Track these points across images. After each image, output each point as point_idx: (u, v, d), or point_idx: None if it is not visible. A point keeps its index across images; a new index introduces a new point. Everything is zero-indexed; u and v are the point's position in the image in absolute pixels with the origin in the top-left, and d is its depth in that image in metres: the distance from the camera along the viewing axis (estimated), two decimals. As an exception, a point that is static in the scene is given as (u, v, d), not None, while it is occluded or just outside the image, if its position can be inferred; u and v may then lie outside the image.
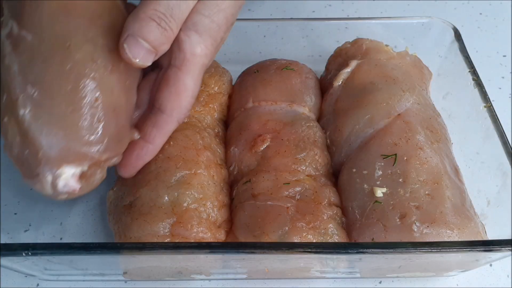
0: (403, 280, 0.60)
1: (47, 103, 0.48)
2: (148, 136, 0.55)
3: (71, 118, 0.48)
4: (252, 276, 0.60)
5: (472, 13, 0.97)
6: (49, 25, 0.50)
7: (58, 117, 0.48)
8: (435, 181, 0.55)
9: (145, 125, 0.55)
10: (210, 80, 0.68)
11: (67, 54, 0.49)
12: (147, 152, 0.56)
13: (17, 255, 0.48)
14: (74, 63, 0.49)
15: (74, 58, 0.49)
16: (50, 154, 0.48)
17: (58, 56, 0.49)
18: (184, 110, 0.55)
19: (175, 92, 0.54)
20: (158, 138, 0.55)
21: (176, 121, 0.55)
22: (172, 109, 0.54)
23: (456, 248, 0.49)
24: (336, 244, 0.52)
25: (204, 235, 0.54)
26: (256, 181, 0.58)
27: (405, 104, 0.62)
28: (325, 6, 0.97)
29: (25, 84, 0.49)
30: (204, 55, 0.54)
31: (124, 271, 0.57)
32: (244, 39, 0.79)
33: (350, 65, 0.68)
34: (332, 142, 0.64)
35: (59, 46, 0.49)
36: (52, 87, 0.49)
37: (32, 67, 0.49)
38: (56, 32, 0.50)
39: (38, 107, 0.48)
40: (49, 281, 0.60)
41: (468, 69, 0.68)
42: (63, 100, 0.48)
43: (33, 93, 0.48)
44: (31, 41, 0.50)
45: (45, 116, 0.48)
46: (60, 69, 0.49)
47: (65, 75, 0.49)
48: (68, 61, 0.49)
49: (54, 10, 0.51)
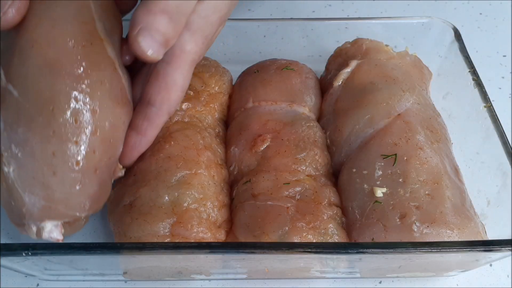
0: (403, 280, 0.60)
1: (29, 165, 0.49)
2: (140, 128, 0.56)
3: (52, 181, 0.49)
4: (252, 276, 0.60)
5: (472, 13, 0.97)
6: (34, 84, 0.50)
7: (40, 179, 0.49)
8: (435, 181, 0.55)
9: (137, 118, 0.56)
10: (210, 80, 0.68)
11: (51, 116, 0.49)
12: (140, 144, 0.57)
13: (17, 255, 0.48)
14: (57, 127, 0.49)
15: (57, 122, 0.49)
16: (32, 211, 0.50)
17: (41, 119, 0.49)
18: (173, 103, 0.56)
19: (164, 87, 0.55)
20: (150, 131, 0.57)
21: (166, 113, 0.56)
22: (161, 102, 0.55)
23: (456, 248, 0.49)
24: (336, 244, 0.52)
25: (204, 235, 0.54)
26: (256, 181, 0.58)
27: (405, 104, 0.62)
28: (325, 6, 0.97)
29: (9, 142, 0.50)
30: (194, 52, 0.55)
31: (124, 271, 0.57)
32: (244, 39, 0.80)
33: (350, 65, 0.68)
34: (332, 142, 0.64)
35: (43, 108, 0.49)
36: (34, 150, 0.49)
37: (16, 127, 0.50)
38: (41, 93, 0.50)
39: (21, 168, 0.49)
40: (49, 281, 0.60)
41: (468, 69, 0.68)
42: (45, 164, 0.49)
43: (17, 153, 0.49)
44: (17, 98, 0.50)
45: (28, 177, 0.49)
46: (44, 133, 0.49)
47: (47, 138, 0.49)
48: (51, 125, 0.49)
49: (40, 67, 0.50)
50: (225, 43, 0.80)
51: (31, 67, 0.50)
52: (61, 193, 0.50)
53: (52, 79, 0.50)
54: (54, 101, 0.49)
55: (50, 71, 0.50)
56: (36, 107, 0.50)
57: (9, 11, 0.49)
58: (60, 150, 0.50)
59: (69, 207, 0.51)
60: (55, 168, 0.50)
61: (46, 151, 0.49)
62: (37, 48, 0.50)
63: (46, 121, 0.49)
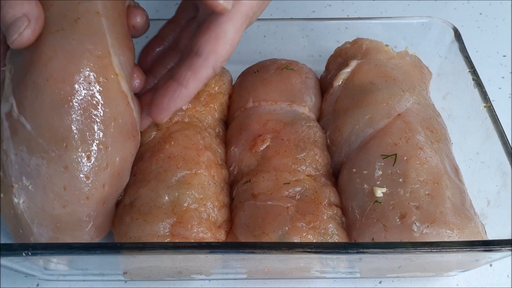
0: (403, 280, 0.60)
1: (40, 198, 0.50)
2: (183, 78, 0.54)
3: (62, 214, 0.50)
4: (252, 276, 0.60)
5: (472, 13, 0.97)
6: (48, 119, 0.49)
7: (50, 212, 0.50)
8: (435, 181, 0.55)
9: (181, 67, 0.54)
10: (210, 80, 0.68)
11: (64, 153, 0.50)
12: (179, 95, 0.54)
13: (17, 255, 0.48)
14: (70, 163, 0.50)
15: (70, 158, 0.50)
16: (40, 240, 0.51)
17: (55, 154, 0.49)
18: (220, 57, 0.54)
19: (214, 37, 0.53)
20: (192, 82, 0.54)
21: (211, 67, 0.54)
22: (208, 53, 0.53)
23: (456, 248, 0.49)
24: (336, 244, 0.52)
25: (204, 235, 0.54)
26: (256, 181, 0.58)
27: (405, 104, 0.62)
28: (325, 6, 0.97)
29: (20, 174, 0.50)
30: (250, 5, 0.54)
31: (124, 271, 0.57)
32: (244, 39, 0.79)
33: (350, 65, 0.68)
34: (332, 142, 0.64)
35: (56, 144, 0.49)
36: (46, 183, 0.50)
37: (28, 160, 0.50)
38: (55, 130, 0.49)
39: (32, 200, 0.50)
40: (49, 281, 0.60)
41: (468, 69, 0.68)
42: (55, 197, 0.50)
43: (27, 185, 0.50)
44: (30, 132, 0.50)
45: (38, 209, 0.50)
46: (56, 168, 0.49)
47: (60, 174, 0.50)
48: (64, 161, 0.50)
49: (55, 102, 0.50)
50: (225, 43, 0.80)
51: (45, 102, 0.49)
52: (69, 225, 0.51)
53: (66, 116, 0.50)
54: (68, 137, 0.50)
55: (65, 108, 0.50)
56: (49, 143, 0.49)
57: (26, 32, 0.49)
58: (72, 185, 0.50)
59: (76, 238, 0.52)
60: (66, 202, 0.50)
61: (57, 185, 0.50)
62: (52, 83, 0.50)
63: (59, 156, 0.50)
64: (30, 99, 0.50)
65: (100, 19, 0.53)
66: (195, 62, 0.54)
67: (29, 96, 0.50)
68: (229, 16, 0.53)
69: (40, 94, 0.50)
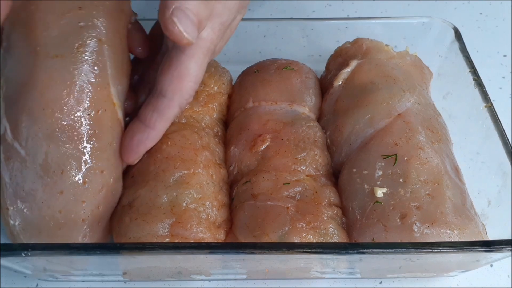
0: (403, 281, 0.60)
1: (35, 220, 0.50)
2: (149, 121, 0.53)
3: (57, 234, 0.51)
4: (252, 277, 0.59)
5: (472, 13, 0.97)
6: (44, 147, 0.49)
7: (45, 233, 0.50)
8: (435, 181, 0.55)
9: (146, 109, 0.54)
10: (209, 80, 0.68)
11: (60, 179, 0.50)
12: (148, 137, 0.54)
13: (17, 255, 0.48)
14: (66, 188, 0.50)
15: (66, 184, 0.50)
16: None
17: (50, 180, 0.49)
18: (185, 95, 0.53)
19: (177, 76, 0.52)
20: (159, 123, 0.54)
21: (177, 105, 0.53)
22: (173, 93, 0.52)
23: (456, 248, 0.48)
24: (336, 245, 0.52)
25: (204, 235, 0.54)
26: (256, 181, 0.58)
27: (405, 104, 0.62)
28: (325, 6, 0.97)
29: (15, 198, 0.50)
30: (210, 39, 0.53)
31: (124, 272, 0.57)
32: (244, 39, 0.79)
33: (350, 65, 0.68)
34: (332, 142, 0.64)
35: (52, 171, 0.49)
36: (42, 207, 0.50)
37: (23, 184, 0.49)
38: (51, 158, 0.49)
39: (27, 222, 0.50)
40: (49, 281, 0.59)
41: (469, 69, 0.68)
42: (51, 220, 0.50)
43: (22, 209, 0.50)
44: (24, 157, 0.49)
45: (33, 231, 0.50)
46: (51, 192, 0.50)
47: (55, 197, 0.50)
48: (60, 186, 0.50)
49: (51, 132, 0.49)
50: (225, 43, 0.80)
51: (41, 131, 0.49)
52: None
53: (63, 145, 0.49)
54: (64, 164, 0.49)
55: (62, 137, 0.49)
56: (45, 169, 0.49)
57: None
58: (67, 209, 0.50)
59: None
60: (61, 224, 0.51)
61: (53, 209, 0.50)
62: (48, 113, 0.48)
63: (55, 182, 0.50)
64: (25, 126, 0.49)
65: (102, 47, 0.52)
66: (160, 103, 0.53)
67: (24, 122, 0.49)
68: (191, 53, 0.52)
69: (36, 123, 0.49)
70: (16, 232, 0.51)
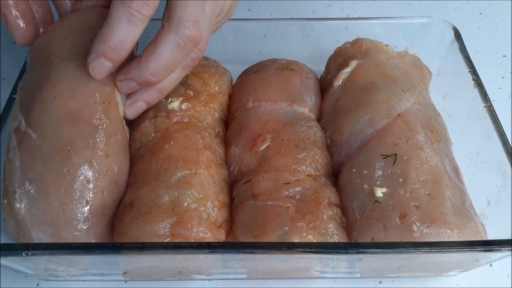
0: (403, 280, 0.60)
1: (41, 201, 0.51)
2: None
3: (61, 217, 0.51)
4: (252, 276, 0.60)
5: (472, 13, 0.97)
6: (54, 129, 0.54)
7: (49, 216, 0.51)
8: (435, 181, 0.55)
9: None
10: (210, 79, 0.68)
11: (67, 157, 0.52)
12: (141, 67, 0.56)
13: (17, 255, 0.48)
14: (72, 166, 0.52)
15: (72, 162, 0.52)
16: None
17: (58, 158, 0.52)
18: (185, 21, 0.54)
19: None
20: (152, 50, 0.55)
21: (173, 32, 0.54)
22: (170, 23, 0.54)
23: (456, 248, 0.49)
24: (336, 244, 0.52)
25: (204, 235, 0.54)
26: (256, 181, 0.58)
27: (405, 104, 0.62)
28: (325, 6, 0.97)
29: (24, 179, 0.52)
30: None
31: (124, 271, 0.57)
32: (244, 39, 0.80)
33: (350, 65, 0.68)
34: (332, 142, 0.64)
35: (60, 149, 0.52)
36: (48, 186, 0.52)
37: (32, 165, 0.52)
38: (60, 136, 0.53)
39: (33, 204, 0.51)
40: (49, 281, 0.60)
41: (468, 69, 0.68)
42: (56, 200, 0.51)
43: (30, 189, 0.52)
44: (35, 141, 0.53)
45: (38, 213, 0.51)
46: (58, 171, 0.52)
47: (61, 176, 0.52)
48: (67, 163, 0.52)
49: (62, 116, 0.54)
50: (225, 43, 0.80)
51: (53, 115, 0.54)
52: (68, 231, 0.52)
53: (72, 125, 0.54)
54: (72, 143, 0.53)
55: (71, 119, 0.54)
56: (54, 148, 0.53)
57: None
58: (72, 188, 0.52)
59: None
60: (65, 205, 0.52)
61: (58, 188, 0.52)
62: (59, 99, 0.55)
63: (62, 160, 0.52)
64: (37, 113, 0.54)
65: None
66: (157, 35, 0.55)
67: (37, 110, 0.54)
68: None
69: (48, 109, 0.54)
70: (21, 217, 0.51)
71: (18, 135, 0.54)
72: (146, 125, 0.62)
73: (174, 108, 0.63)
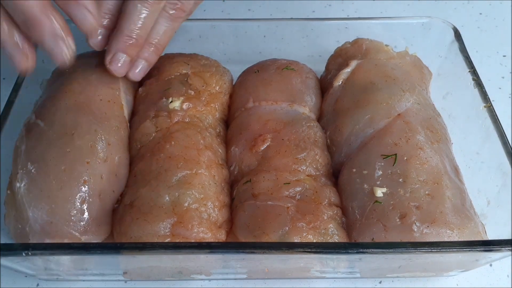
0: (403, 280, 0.60)
1: (40, 179, 0.53)
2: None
3: (59, 195, 0.53)
4: (252, 276, 0.60)
5: (472, 13, 0.97)
6: (61, 116, 0.58)
7: (47, 193, 0.53)
8: (435, 181, 0.55)
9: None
10: (211, 79, 0.68)
11: (70, 139, 0.55)
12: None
13: (17, 255, 0.48)
14: (74, 148, 0.55)
15: (75, 144, 0.55)
16: (35, 227, 0.52)
17: (61, 140, 0.55)
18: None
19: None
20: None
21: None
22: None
23: (456, 248, 0.49)
24: (336, 244, 0.52)
25: (205, 235, 0.54)
26: (257, 181, 0.58)
27: (405, 104, 0.62)
28: (325, 6, 0.97)
29: (27, 161, 0.55)
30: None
31: (124, 271, 0.57)
32: (244, 39, 0.80)
33: (350, 65, 0.68)
34: (332, 142, 0.64)
35: (64, 133, 0.56)
36: (48, 165, 0.54)
37: (36, 147, 0.55)
38: (66, 122, 0.57)
39: (32, 182, 0.53)
40: (49, 281, 0.60)
41: (468, 69, 0.68)
42: (55, 178, 0.53)
43: (31, 169, 0.54)
44: (42, 127, 0.57)
45: (36, 190, 0.53)
46: (60, 151, 0.55)
47: (62, 156, 0.54)
48: (69, 145, 0.55)
49: (70, 106, 0.59)
50: (225, 43, 0.80)
51: (61, 106, 0.59)
52: (64, 209, 0.52)
53: (78, 114, 0.58)
54: (76, 128, 0.57)
55: (78, 109, 0.59)
56: (58, 133, 0.56)
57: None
58: (71, 168, 0.54)
59: (69, 225, 0.53)
60: (63, 183, 0.53)
61: (58, 166, 0.54)
62: (69, 94, 0.60)
63: (65, 142, 0.55)
64: (47, 107, 0.59)
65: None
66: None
67: (47, 105, 0.59)
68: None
69: (57, 101, 0.59)
70: (20, 196, 0.53)
71: (28, 126, 0.58)
72: (147, 125, 0.62)
73: (175, 108, 0.63)
